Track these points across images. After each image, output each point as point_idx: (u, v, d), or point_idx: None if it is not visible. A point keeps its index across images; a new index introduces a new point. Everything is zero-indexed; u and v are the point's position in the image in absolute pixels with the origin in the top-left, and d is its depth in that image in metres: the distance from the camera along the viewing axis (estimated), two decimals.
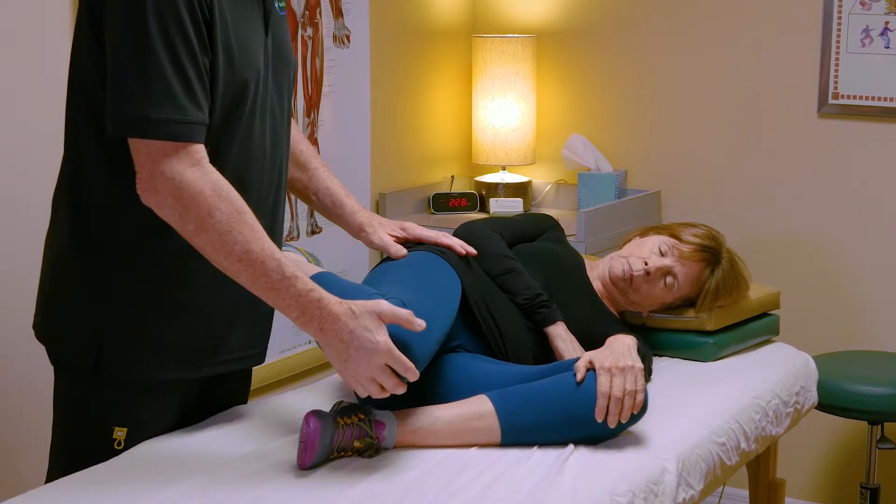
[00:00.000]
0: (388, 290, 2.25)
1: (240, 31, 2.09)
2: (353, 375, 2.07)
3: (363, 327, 2.04)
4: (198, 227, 1.99)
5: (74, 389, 2.23)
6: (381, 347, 2.04)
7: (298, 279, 2.03)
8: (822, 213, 3.94)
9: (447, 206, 4.17)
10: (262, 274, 2.01)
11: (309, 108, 3.64)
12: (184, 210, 1.98)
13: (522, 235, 2.75)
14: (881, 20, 3.77)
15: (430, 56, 4.22)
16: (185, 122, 1.98)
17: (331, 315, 2.04)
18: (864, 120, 3.84)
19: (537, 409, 2.26)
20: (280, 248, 2.35)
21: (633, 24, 4.18)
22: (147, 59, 1.96)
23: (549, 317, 2.54)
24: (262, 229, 2.03)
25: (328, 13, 3.69)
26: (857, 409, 3.45)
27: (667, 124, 4.16)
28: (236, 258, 2.00)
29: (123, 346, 2.16)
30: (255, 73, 2.13)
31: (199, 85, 2.00)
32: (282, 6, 2.27)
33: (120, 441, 2.20)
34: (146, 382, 2.20)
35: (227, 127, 2.11)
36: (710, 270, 2.77)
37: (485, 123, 4.22)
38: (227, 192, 2.00)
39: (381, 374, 2.06)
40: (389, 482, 2.09)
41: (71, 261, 2.18)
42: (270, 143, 2.22)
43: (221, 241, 1.99)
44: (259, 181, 2.21)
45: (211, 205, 1.98)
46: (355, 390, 2.11)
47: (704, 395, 2.63)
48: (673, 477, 2.24)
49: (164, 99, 1.96)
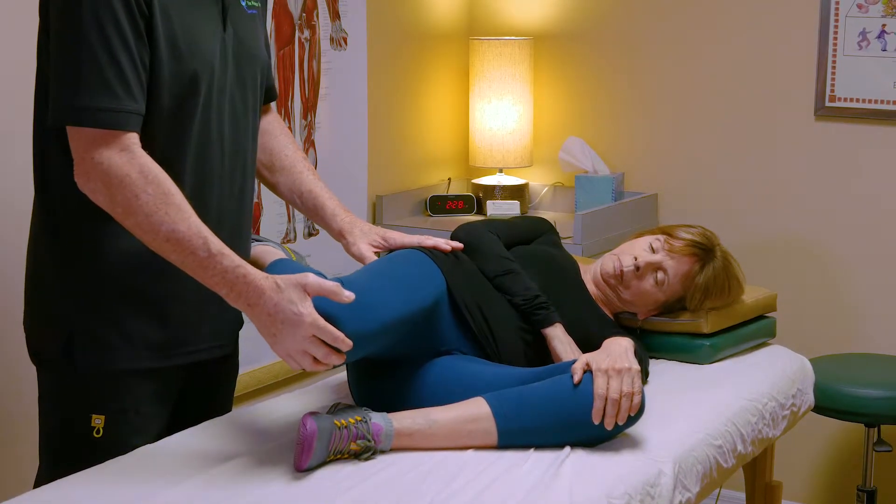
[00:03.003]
0: (349, 278, 2.28)
1: (187, 25, 2.16)
2: (283, 349, 2.09)
3: (287, 300, 2.06)
4: (125, 209, 2.05)
5: (51, 380, 2.27)
6: (306, 319, 2.06)
7: (225, 256, 2.07)
8: (818, 215, 3.94)
9: (444, 209, 4.17)
10: (189, 252, 2.06)
11: (306, 110, 3.64)
12: (112, 193, 2.05)
13: (519, 238, 2.75)
14: (878, 23, 3.78)
15: (428, 58, 4.23)
16: (117, 111, 2.05)
17: (256, 290, 2.07)
18: (860, 123, 3.85)
19: (534, 412, 2.26)
20: (251, 240, 2.42)
21: (630, 27, 4.18)
22: (80, 50, 2.05)
23: (547, 318, 2.53)
24: (190, 210, 2.07)
25: (325, 15, 3.69)
26: (854, 411, 3.45)
27: (664, 127, 4.17)
28: (164, 238, 2.05)
29: (92, 334, 2.21)
30: (206, 65, 2.19)
31: (132, 75, 2.07)
32: (251, 5, 2.35)
33: (98, 429, 2.23)
34: (119, 370, 2.23)
35: (182, 115, 2.18)
36: (700, 266, 2.77)
37: (482, 126, 4.22)
38: (155, 174, 2.06)
39: (311, 345, 2.08)
40: (386, 485, 2.09)
41: (42, 251, 2.25)
42: (230, 131, 2.28)
43: (149, 222, 2.05)
44: (220, 167, 2.27)
45: (137, 187, 2.04)
46: (289, 364, 2.12)
47: (701, 398, 2.63)
48: (669, 479, 2.24)
49: (96, 89, 2.05)
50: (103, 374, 2.22)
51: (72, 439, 2.25)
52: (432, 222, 4.07)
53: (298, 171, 2.52)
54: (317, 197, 2.51)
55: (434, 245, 2.52)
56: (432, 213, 4.16)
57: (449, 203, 4.18)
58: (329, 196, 2.52)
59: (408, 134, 4.18)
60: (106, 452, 2.20)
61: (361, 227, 2.52)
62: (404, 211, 4.12)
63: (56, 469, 2.22)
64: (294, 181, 2.51)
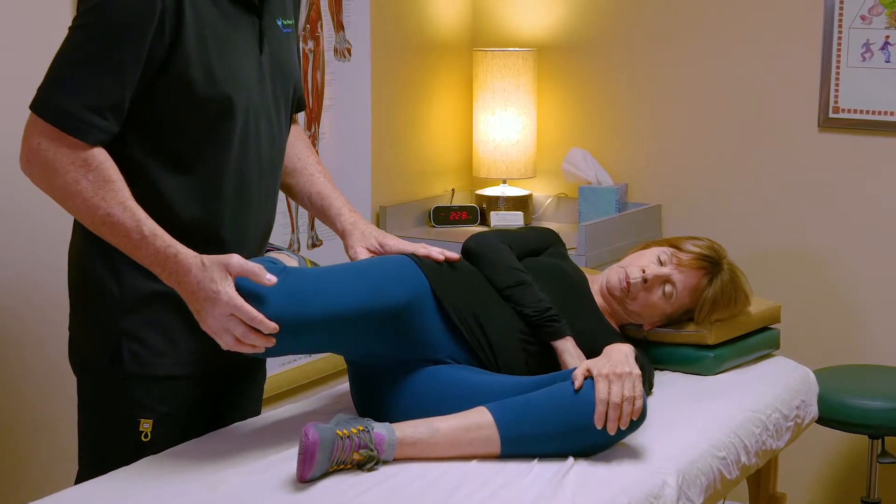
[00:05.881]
0: (309, 269, 2.31)
1: (223, 48, 2.19)
2: (208, 326, 2.12)
3: (209, 278, 2.09)
4: (63, 194, 2.12)
5: (97, 385, 2.30)
6: (222, 297, 2.08)
7: (157, 237, 2.12)
8: (822, 227, 3.94)
9: (448, 220, 4.17)
10: (124, 235, 2.12)
11: (310, 121, 3.65)
12: (51, 178, 2.12)
13: (529, 249, 2.74)
14: (881, 34, 3.78)
15: (431, 69, 4.23)
16: (84, 122, 2.11)
17: (184, 268, 2.11)
18: (864, 134, 3.85)
19: (536, 419, 2.25)
20: (273, 250, 2.42)
21: (634, 38, 4.18)
22: (77, 53, 2.12)
23: (559, 331, 2.52)
24: (129, 195, 2.13)
25: (329, 27, 3.70)
26: (858, 423, 3.44)
27: (668, 138, 4.17)
28: (100, 222, 2.12)
29: (140, 339, 2.24)
30: (242, 88, 2.22)
31: (115, 95, 2.12)
32: (286, 24, 2.36)
33: (147, 433, 2.27)
34: (165, 375, 2.27)
35: (218, 138, 2.22)
36: (708, 280, 2.76)
37: (485, 137, 4.22)
38: (99, 163, 2.12)
39: (231, 323, 2.10)
40: (389, 496, 2.08)
41: (88, 256, 2.27)
42: (267, 150, 2.32)
43: (86, 206, 2.11)
44: (258, 186, 2.31)
45: (78, 174, 2.11)
46: (217, 342, 2.14)
47: (705, 409, 2.62)
48: (673, 491, 2.24)
49: (72, 94, 2.10)
50: (150, 378, 2.26)
51: (120, 444, 2.28)
52: (436, 233, 4.07)
53: (310, 174, 2.54)
54: (325, 197, 2.53)
55: (426, 254, 2.50)
56: (436, 224, 4.16)
57: (452, 214, 4.19)
58: (337, 196, 2.54)
59: (411, 145, 4.18)
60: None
61: (362, 229, 2.51)
62: (408, 222, 4.12)
63: (101, 473, 2.23)
64: (305, 182, 2.54)
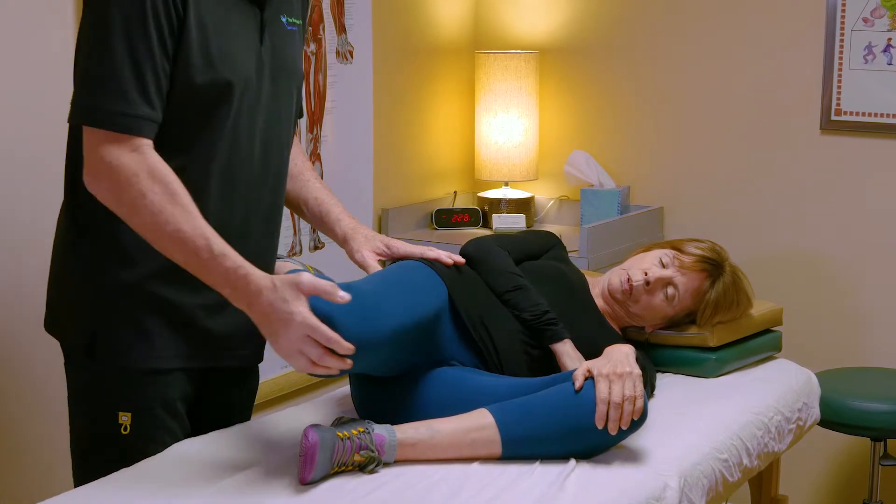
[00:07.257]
0: (355, 283, 2.27)
1: (223, 36, 2.17)
2: (282, 349, 2.08)
3: (281, 299, 2.05)
4: (131, 208, 2.07)
5: (78, 377, 2.29)
6: (297, 318, 2.04)
7: (227, 258, 2.08)
8: (825, 229, 3.94)
9: (450, 222, 4.17)
10: (192, 253, 2.07)
11: (312, 123, 3.65)
12: (119, 192, 2.07)
13: (528, 253, 2.75)
14: (884, 37, 3.78)
15: (433, 72, 4.23)
16: (133, 116, 2.07)
17: (255, 290, 2.07)
18: (866, 136, 3.85)
19: (537, 420, 2.25)
20: (277, 257, 2.41)
21: (636, 41, 4.18)
22: (104, 52, 2.07)
23: (557, 334, 2.52)
24: (196, 211, 2.08)
25: (331, 29, 3.70)
26: (860, 425, 3.44)
27: (670, 140, 4.17)
28: (168, 239, 2.07)
29: (115, 333, 2.22)
30: (241, 76, 2.20)
31: (153, 83, 2.09)
32: (292, 21, 2.35)
33: (126, 426, 2.24)
34: (142, 369, 2.24)
35: (212, 124, 2.19)
36: (710, 282, 2.77)
37: (487, 139, 4.22)
38: (163, 175, 2.07)
39: (305, 345, 2.05)
40: (390, 498, 2.08)
41: (68, 251, 2.26)
42: (261, 144, 2.29)
43: (154, 222, 2.06)
44: (249, 179, 2.28)
45: (144, 187, 2.05)
46: (292, 366, 2.10)
47: (706, 412, 2.62)
48: (675, 493, 2.24)
49: (115, 92, 2.06)
50: (127, 371, 2.23)
51: (100, 436, 2.27)
52: (438, 235, 4.07)
53: (305, 180, 2.53)
54: (321, 203, 2.52)
55: (436, 258, 2.52)
56: (438, 227, 4.16)
57: (455, 216, 4.19)
58: (334, 202, 2.53)
59: (413, 147, 4.18)
60: (134, 449, 2.23)
61: (365, 233, 2.51)
62: (410, 224, 4.12)
63: (86, 466, 2.24)
64: (300, 189, 2.52)
